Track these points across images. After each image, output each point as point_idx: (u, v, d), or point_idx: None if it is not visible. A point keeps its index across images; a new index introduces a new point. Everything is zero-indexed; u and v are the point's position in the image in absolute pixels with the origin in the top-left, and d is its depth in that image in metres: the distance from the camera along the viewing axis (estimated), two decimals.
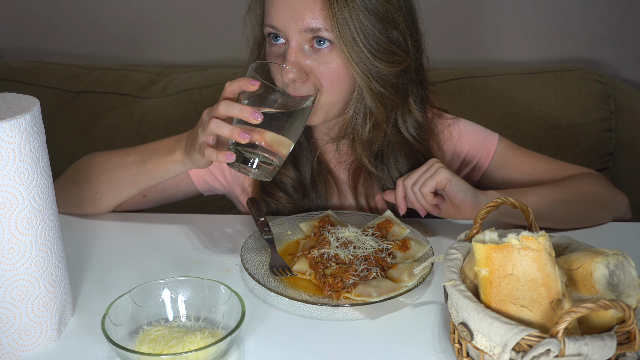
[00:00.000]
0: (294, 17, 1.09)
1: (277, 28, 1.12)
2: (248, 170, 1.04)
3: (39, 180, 0.85)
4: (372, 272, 1.03)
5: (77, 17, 2.22)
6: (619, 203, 1.29)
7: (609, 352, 0.71)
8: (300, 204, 1.29)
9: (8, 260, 0.84)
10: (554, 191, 1.21)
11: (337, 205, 1.31)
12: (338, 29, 1.08)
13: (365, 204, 1.30)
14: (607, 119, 1.94)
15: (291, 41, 1.11)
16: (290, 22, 1.10)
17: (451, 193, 1.14)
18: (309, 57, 1.12)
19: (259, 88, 1.02)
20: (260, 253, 1.11)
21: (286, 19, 1.10)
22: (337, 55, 1.11)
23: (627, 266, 0.81)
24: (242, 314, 0.87)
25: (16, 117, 0.81)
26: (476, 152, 1.32)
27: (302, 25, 1.09)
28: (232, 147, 1.04)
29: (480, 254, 0.79)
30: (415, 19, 1.18)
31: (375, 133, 1.19)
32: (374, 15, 1.10)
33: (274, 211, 1.30)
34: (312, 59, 1.11)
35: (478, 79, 1.99)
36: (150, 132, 1.94)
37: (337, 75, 1.12)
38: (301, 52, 1.11)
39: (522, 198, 1.14)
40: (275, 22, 1.12)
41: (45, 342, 0.91)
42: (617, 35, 2.17)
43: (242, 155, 1.03)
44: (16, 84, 1.98)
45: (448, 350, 0.90)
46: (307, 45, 1.11)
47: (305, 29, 1.10)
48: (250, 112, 0.99)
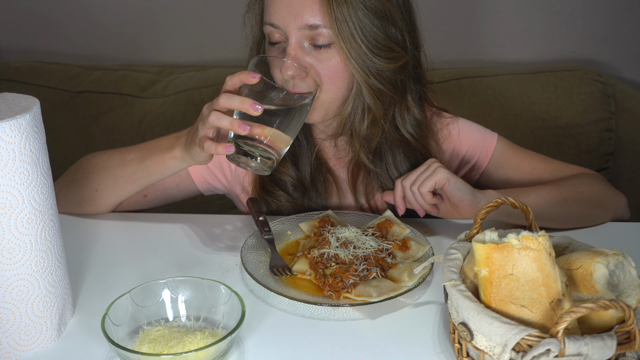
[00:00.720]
0: (293, 14, 1.10)
1: (276, 25, 1.12)
2: (247, 163, 1.04)
3: (39, 180, 0.85)
4: (372, 272, 1.03)
5: (77, 17, 2.22)
6: (617, 203, 1.29)
7: (609, 352, 0.71)
8: (300, 203, 1.29)
9: (8, 260, 0.84)
10: (552, 191, 1.21)
11: (337, 204, 1.31)
12: (337, 25, 1.09)
13: (364, 202, 1.30)
14: (607, 119, 1.94)
15: (290, 38, 1.11)
16: (289, 20, 1.10)
17: (450, 192, 1.14)
18: (308, 55, 1.12)
19: (258, 84, 1.03)
20: (260, 253, 1.11)
21: (285, 16, 1.11)
22: (336, 53, 1.12)
23: (627, 266, 0.81)
24: (242, 314, 0.87)
25: (16, 117, 0.81)
26: (475, 151, 1.32)
27: (302, 22, 1.10)
28: (232, 140, 1.05)
29: (480, 254, 0.79)
30: (413, 17, 1.19)
31: (373, 129, 1.20)
32: (373, 12, 1.11)
33: (274, 211, 1.30)
34: (312, 57, 1.12)
35: (478, 79, 1.99)
36: (150, 132, 1.94)
37: (336, 72, 1.13)
38: (300, 49, 1.12)
39: (520, 197, 1.15)
40: (275, 20, 1.12)
41: (45, 342, 0.91)
42: (617, 35, 2.17)
43: (241, 148, 1.03)
44: (16, 84, 1.98)
45: (448, 350, 0.90)
46: (307, 42, 1.12)
47: (304, 26, 1.10)
48: (250, 104, 1.00)
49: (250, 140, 1.03)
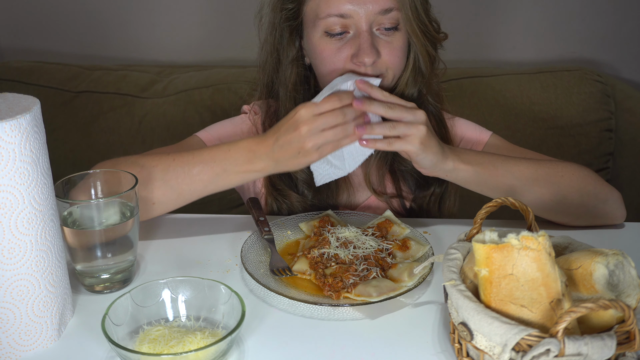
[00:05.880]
0: (365, 1, 1.15)
1: (347, 15, 1.15)
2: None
3: (39, 180, 0.85)
4: (372, 272, 1.03)
5: (77, 17, 2.22)
6: (604, 194, 1.22)
7: (609, 352, 0.71)
8: (310, 203, 1.29)
9: (8, 260, 0.84)
10: (526, 168, 1.17)
11: (347, 201, 1.32)
12: (409, 6, 1.16)
13: (377, 185, 1.32)
14: (607, 119, 1.94)
15: (363, 25, 1.16)
16: (363, 7, 1.15)
17: (412, 160, 1.11)
18: (377, 39, 1.17)
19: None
20: (260, 253, 1.12)
21: (359, 4, 1.15)
22: (401, 34, 1.19)
23: (626, 266, 0.81)
24: (242, 314, 0.87)
25: (16, 117, 0.81)
26: (467, 143, 1.35)
27: (377, 7, 1.15)
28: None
29: (480, 254, 0.79)
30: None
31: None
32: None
33: (285, 212, 1.31)
34: (382, 41, 1.17)
35: (478, 79, 1.99)
36: (151, 132, 1.94)
37: (403, 52, 1.20)
38: (372, 35, 1.17)
39: (488, 168, 1.14)
40: (345, 10, 1.15)
41: (45, 342, 0.91)
42: (617, 35, 2.17)
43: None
44: (16, 84, 1.98)
45: (448, 350, 0.90)
46: (375, 27, 1.17)
47: (380, 11, 1.15)
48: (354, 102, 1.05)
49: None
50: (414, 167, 1.21)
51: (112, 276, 1.03)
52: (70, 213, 0.99)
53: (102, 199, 1.04)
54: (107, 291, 1.03)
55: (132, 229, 1.03)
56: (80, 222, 1.00)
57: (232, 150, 1.11)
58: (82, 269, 1.02)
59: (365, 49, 1.14)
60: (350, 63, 1.16)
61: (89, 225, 1.01)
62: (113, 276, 1.03)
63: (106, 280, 1.03)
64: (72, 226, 0.99)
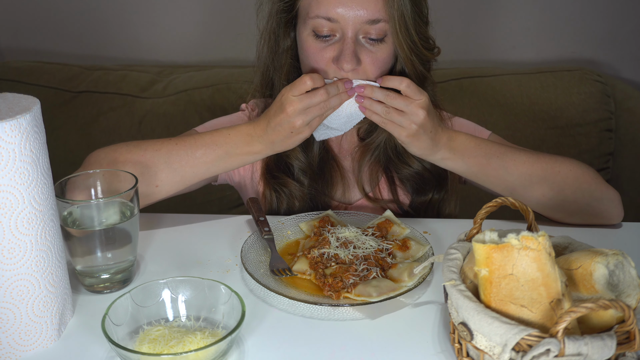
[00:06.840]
0: (354, 9, 1.13)
1: (334, 19, 1.15)
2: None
3: (39, 180, 0.85)
4: (372, 272, 1.03)
5: (77, 17, 2.23)
6: (600, 193, 1.22)
7: (609, 352, 0.71)
8: (307, 192, 1.31)
9: (8, 260, 0.84)
10: (522, 164, 1.18)
11: (341, 195, 1.33)
12: (396, 19, 1.14)
13: (369, 190, 1.33)
14: (607, 119, 1.94)
15: (349, 32, 1.15)
16: (350, 13, 1.14)
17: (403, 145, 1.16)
18: (362, 47, 1.16)
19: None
20: (260, 253, 1.12)
21: (346, 10, 1.14)
22: (387, 45, 1.17)
23: (626, 266, 0.81)
24: (242, 314, 0.87)
25: (16, 117, 0.81)
26: None
27: (365, 16, 1.14)
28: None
29: (480, 254, 0.79)
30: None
31: None
32: (416, 6, 1.17)
33: (284, 207, 1.32)
34: (365, 49, 1.16)
35: (478, 79, 1.99)
36: (151, 132, 1.94)
37: (386, 63, 1.18)
38: (355, 42, 1.16)
39: (480, 162, 1.16)
40: (333, 14, 1.14)
41: (45, 342, 0.91)
42: (617, 35, 2.17)
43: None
44: (16, 84, 1.98)
45: (448, 350, 0.90)
46: (361, 35, 1.16)
47: (367, 20, 1.14)
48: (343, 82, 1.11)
49: None
50: (411, 174, 1.23)
51: (112, 276, 1.03)
52: (70, 213, 0.99)
53: (102, 199, 1.05)
54: (107, 291, 1.03)
55: (132, 229, 1.03)
56: (80, 222, 1.00)
57: (232, 135, 1.17)
58: (82, 269, 1.02)
59: (346, 55, 1.14)
60: (331, 65, 1.17)
61: (89, 225, 1.01)
62: (113, 276, 1.03)
63: (106, 280, 1.03)
64: (72, 226, 0.99)
